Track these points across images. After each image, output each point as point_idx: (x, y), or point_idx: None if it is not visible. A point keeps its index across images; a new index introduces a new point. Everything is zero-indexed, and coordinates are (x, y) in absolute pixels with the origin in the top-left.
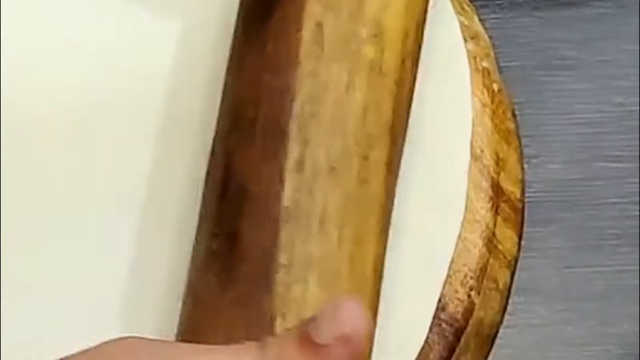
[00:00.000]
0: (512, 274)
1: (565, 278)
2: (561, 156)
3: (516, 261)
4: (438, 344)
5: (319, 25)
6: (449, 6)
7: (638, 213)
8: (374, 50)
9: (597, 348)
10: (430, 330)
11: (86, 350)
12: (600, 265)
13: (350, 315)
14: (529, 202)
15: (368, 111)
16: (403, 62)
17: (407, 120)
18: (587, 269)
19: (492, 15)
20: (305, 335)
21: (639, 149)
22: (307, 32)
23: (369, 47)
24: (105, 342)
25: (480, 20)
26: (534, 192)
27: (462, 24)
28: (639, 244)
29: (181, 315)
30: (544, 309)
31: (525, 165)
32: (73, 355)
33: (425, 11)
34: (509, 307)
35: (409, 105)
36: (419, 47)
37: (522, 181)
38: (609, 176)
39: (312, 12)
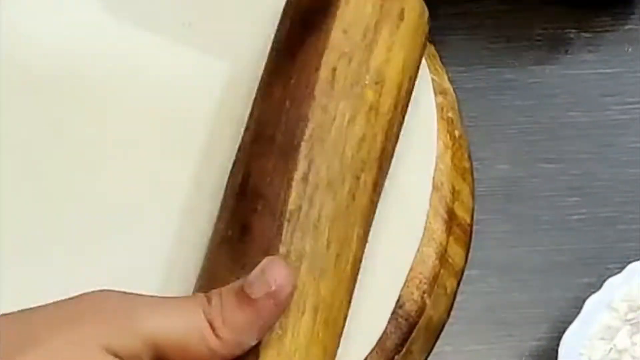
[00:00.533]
0: (459, 282)
1: (511, 255)
2: (507, 158)
3: (462, 271)
4: (394, 333)
5: (334, 69)
6: (426, 67)
7: (567, 204)
8: (373, 94)
9: (537, 310)
10: (389, 322)
11: (70, 298)
12: (538, 245)
13: (277, 274)
14: (483, 195)
15: (363, 142)
16: (396, 106)
17: (393, 151)
18: (528, 248)
19: (454, 45)
20: (240, 290)
21: (568, 152)
22: (323, 73)
23: (370, 92)
24: (85, 293)
25: (449, 79)
26: (485, 187)
27: (434, 81)
28: (567, 228)
29: (195, 288)
30: (494, 280)
31: (479, 166)
32: (56, 302)
33: (418, 68)
34: (467, 278)
35: (396, 140)
36: (410, 94)
37: (472, 209)
38: (544, 174)
39: (329, 58)
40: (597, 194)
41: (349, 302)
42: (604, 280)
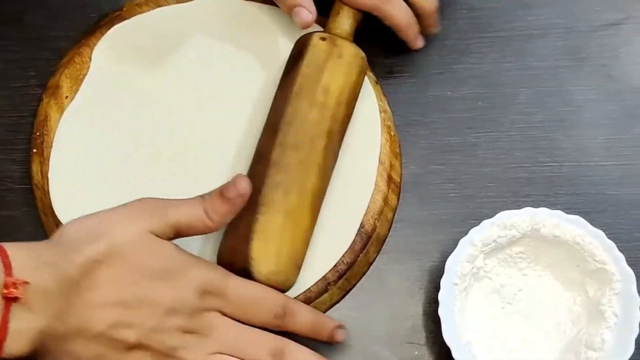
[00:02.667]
0: (394, 214)
1: (418, 216)
2: (414, 163)
3: (396, 208)
4: (359, 242)
5: (301, 84)
6: (375, 96)
7: (447, 188)
8: (323, 97)
9: (433, 246)
10: (356, 236)
11: (121, 205)
12: (433, 210)
13: (242, 184)
14: (403, 182)
15: (316, 122)
16: (337, 104)
17: (339, 129)
18: (427, 212)
19: (392, 81)
20: (220, 192)
21: (447, 159)
22: (295, 87)
23: (321, 96)
24: (131, 201)
25: (383, 87)
26: (404, 178)
27: (379, 105)
28: (448, 201)
29: None
30: (409, 229)
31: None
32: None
33: (356, 84)
34: (394, 228)
35: (340, 125)
36: (350, 102)
37: (401, 175)
38: (434, 172)
39: (299, 79)
40: (464, 182)
41: (310, 212)
42: (469, 230)
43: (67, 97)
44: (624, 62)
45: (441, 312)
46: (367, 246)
